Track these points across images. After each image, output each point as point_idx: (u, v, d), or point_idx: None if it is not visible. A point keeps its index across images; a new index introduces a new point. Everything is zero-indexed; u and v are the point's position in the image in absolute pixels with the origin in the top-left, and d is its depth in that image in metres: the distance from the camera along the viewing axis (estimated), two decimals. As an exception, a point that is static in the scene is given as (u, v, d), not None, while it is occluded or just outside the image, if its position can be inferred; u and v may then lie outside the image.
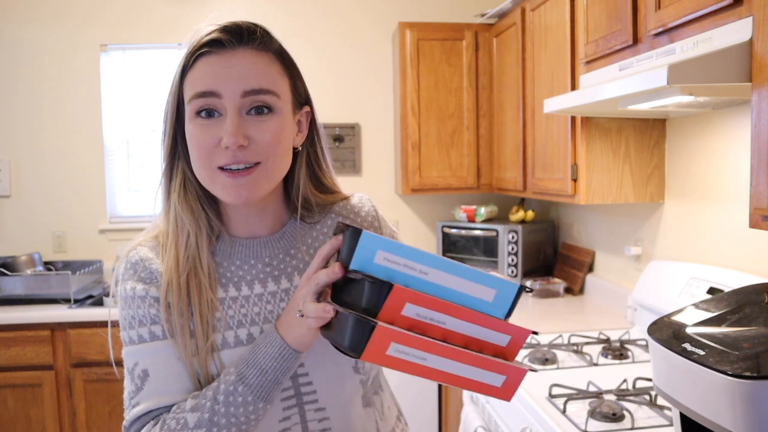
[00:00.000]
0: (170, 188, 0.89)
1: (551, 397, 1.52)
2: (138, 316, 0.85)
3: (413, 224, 3.35)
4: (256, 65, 0.82)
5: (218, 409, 0.79)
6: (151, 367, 0.83)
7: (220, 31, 0.82)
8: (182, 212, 0.87)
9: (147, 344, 0.84)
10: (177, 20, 3.13)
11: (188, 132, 0.84)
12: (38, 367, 2.62)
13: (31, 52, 3.12)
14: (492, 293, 0.74)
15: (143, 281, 0.86)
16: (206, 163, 0.82)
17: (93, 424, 2.68)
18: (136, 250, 0.89)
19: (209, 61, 0.82)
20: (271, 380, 0.80)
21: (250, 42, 0.83)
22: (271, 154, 0.83)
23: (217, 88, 0.80)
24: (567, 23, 2.08)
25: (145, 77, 3.20)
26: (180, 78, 0.84)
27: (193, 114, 0.82)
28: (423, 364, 0.70)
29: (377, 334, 0.67)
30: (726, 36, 1.22)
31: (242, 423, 0.80)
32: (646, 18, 1.54)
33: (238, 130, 0.79)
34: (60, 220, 3.18)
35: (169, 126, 0.87)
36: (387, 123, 3.30)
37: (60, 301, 2.74)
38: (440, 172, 3.01)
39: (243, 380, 0.79)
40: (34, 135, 3.14)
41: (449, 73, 2.97)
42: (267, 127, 0.82)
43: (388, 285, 0.69)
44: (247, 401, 0.79)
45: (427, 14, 3.25)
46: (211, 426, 0.79)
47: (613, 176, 2.08)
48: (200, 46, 0.82)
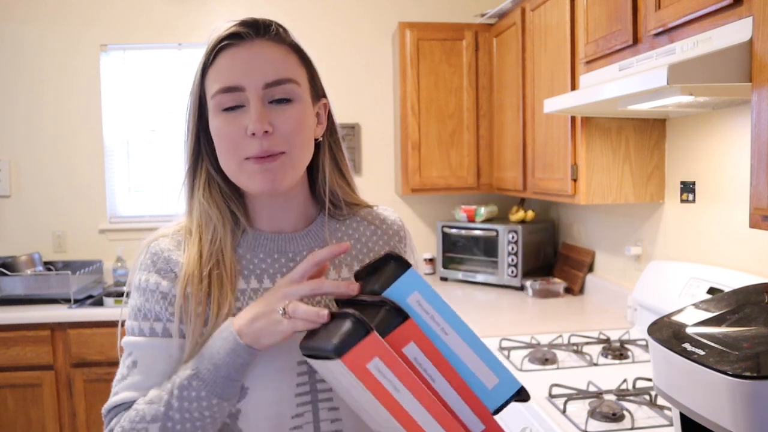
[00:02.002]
0: (194, 186, 0.90)
1: (551, 397, 1.52)
2: (144, 309, 0.86)
3: (413, 224, 3.35)
4: (275, 55, 0.84)
5: (173, 403, 0.78)
6: (141, 360, 0.84)
7: (238, 25, 0.84)
8: (209, 208, 0.88)
9: (145, 339, 0.85)
10: (177, 20, 3.13)
11: (213, 126, 0.85)
12: (38, 367, 2.62)
13: (31, 52, 3.12)
14: (494, 381, 0.73)
15: (158, 273, 0.86)
16: (233, 154, 0.83)
17: (93, 424, 2.68)
18: (157, 241, 0.90)
19: (229, 54, 0.83)
20: (224, 376, 0.77)
21: (267, 34, 0.85)
22: (294, 143, 0.84)
23: (240, 82, 0.81)
24: (567, 23, 2.08)
25: (145, 77, 3.20)
26: (201, 75, 0.85)
27: (218, 109, 0.83)
28: (393, 395, 0.68)
29: (369, 340, 0.66)
30: (726, 36, 1.22)
31: (197, 419, 0.78)
32: (646, 18, 1.54)
33: (263, 117, 0.81)
34: (60, 220, 3.18)
35: (192, 124, 0.88)
36: (387, 123, 3.30)
37: (60, 301, 2.74)
38: (440, 172, 3.01)
39: (197, 374, 0.78)
40: (34, 135, 3.14)
41: (449, 73, 2.97)
42: (290, 114, 0.83)
43: (405, 315, 0.69)
44: (201, 396, 0.77)
45: (427, 14, 3.25)
46: (165, 420, 0.77)
47: (613, 176, 2.08)
48: (220, 40, 0.83)
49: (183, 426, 0.78)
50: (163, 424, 0.77)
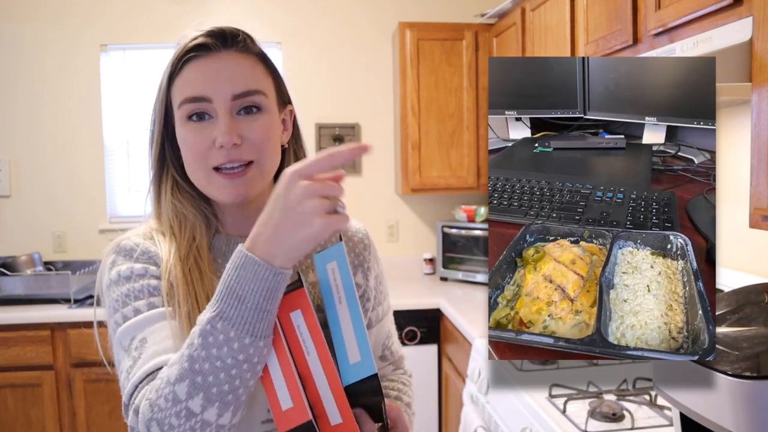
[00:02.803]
0: (161, 191, 0.90)
1: (551, 397, 1.52)
2: (134, 291, 0.81)
3: (413, 224, 3.35)
4: (242, 67, 0.84)
5: (198, 354, 0.67)
6: (149, 334, 0.77)
7: (205, 36, 0.84)
8: (183, 208, 0.88)
9: (145, 315, 0.79)
10: (177, 20, 3.13)
11: (180, 136, 0.85)
12: (38, 367, 2.62)
13: (31, 52, 3.12)
14: (357, 359, 0.76)
15: (141, 262, 0.84)
16: (201, 164, 0.83)
17: (93, 424, 2.68)
18: (127, 239, 0.88)
19: (196, 65, 0.83)
20: (253, 307, 0.67)
21: (234, 45, 0.85)
22: (263, 152, 0.84)
23: (207, 93, 0.82)
24: (567, 23, 2.08)
25: (145, 77, 3.20)
26: (167, 84, 0.85)
27: (184, 118, 0.83)
28: None
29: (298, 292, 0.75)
30: (726, 36, 1.22)
31: (230, 367, 0.67)
32: (646, 18, 1.54)
33: (231, 129, 0.81)
34: (60, 220, 3.18)
35: (158, 132, 0.88)
36: (387, 123, 3.30)
37: (60, 301, 2.74)
38: (440, 172, 3.01)
39: (221, 314, 0.68)
40: (34, 135, 3.14)
41: (449, 73, 2.97)
42: (258, 125, 0.84)
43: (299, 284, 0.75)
44: (230, 338, 0.67)
45: (427, 14, 3.25)
46: (193, 375, 0.67)
47: (613, 176, 2.08)
48: (186, 51, 0.83)
49: (216, 377, 0.67)
50: (191, 380, 0.67)
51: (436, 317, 2.75)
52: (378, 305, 1.01)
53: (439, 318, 2.75)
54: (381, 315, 1.01)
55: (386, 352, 1.03)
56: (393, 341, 1.05)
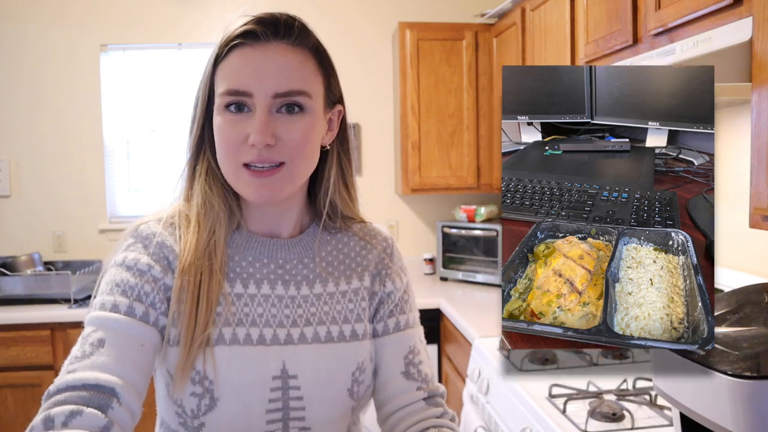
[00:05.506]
0: (195, 173, 0.87)
1: (551, 397, 1.52)
2: (126, 284, 0.78)
3: (413, 224, 3.35)
4: (290, 62, 0.80)
5: None
6: (110, 340, 0.74)
7: (256, 23, 0.79)
8: (212, 196, 0.85)
9: (118, 316, 0.75)
10: (177, 20, 3.13)
11: (216, 123, 0.81)
12: (38, 367, 2.62)
13: (32, 52, 3.12)
14: None
15: (150, 256, 0.81)
16: (232, 158, 0.79)
17: (93, 424, 2.68)
18: (147, 224, 0.85)
19: (242, 53, 0.79)
20: None
21: (286, 36, 0.80)
22: (296, 155, 0.80)
23: (249, 87, 0.78)
24: (567, 23, 2.08)
25: (145, 77, 3.20)
26: (212, 67, 0.82)
27: (222, 106, 0.80)
28: None
29: None
30: (726, 36, 1.22)
31: None
32: (646, 18, 1.54)
33: (266, 129, 0.77)
34: (60, 220, 3.18)
35: (199, 115, 0.84)
36: (387, 123, 3.30)
37: (60, 301, 2.74)
38: (440, 172, 3.01)
39: None
40: (34, 135, 3.14)
41: (449, 73, 2.98)
42: (296, 126, 0.79)
43: None
44: None
45: (427, 14, 3.25)
46: None
47: (613, 176, 2.08)
48: (234, 36, 0.79)
49: None
50: None
51: (436, 317, 2.75)
52: (401, 314, 0.96)
53: (439, 318, 2.75)
54: (402, 325, 0.96)
55: (412, 369, 0.93)
56: (422, 361, 0.95)
